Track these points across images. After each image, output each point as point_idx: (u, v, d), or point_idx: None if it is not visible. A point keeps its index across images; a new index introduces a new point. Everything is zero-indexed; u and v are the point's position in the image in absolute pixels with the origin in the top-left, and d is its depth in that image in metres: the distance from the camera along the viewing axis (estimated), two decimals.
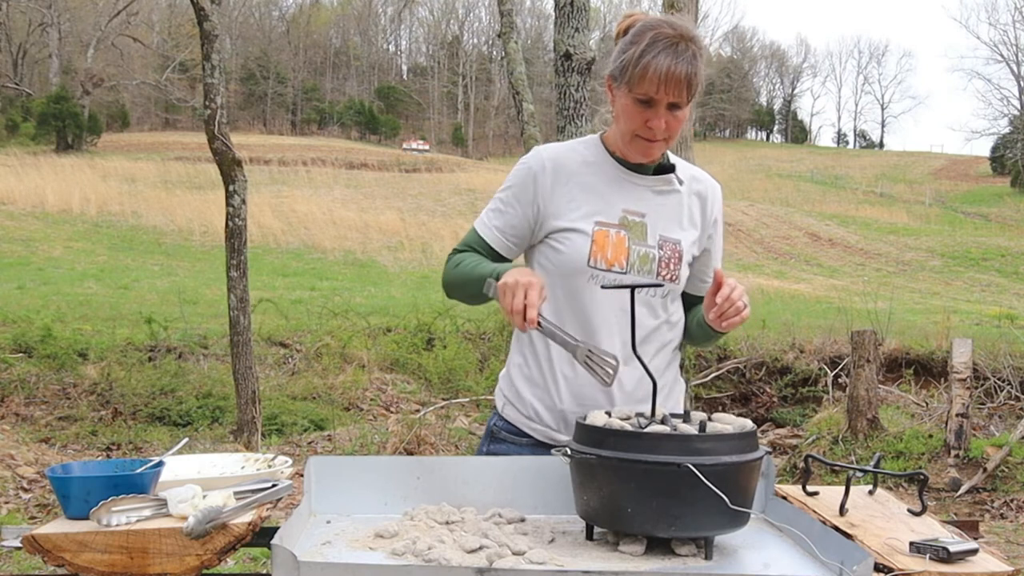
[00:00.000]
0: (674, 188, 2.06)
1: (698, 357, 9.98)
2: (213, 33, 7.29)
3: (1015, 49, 59.92)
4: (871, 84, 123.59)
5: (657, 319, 2.04)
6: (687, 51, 1.88)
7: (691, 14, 7.54)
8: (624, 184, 2.03)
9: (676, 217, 2.06)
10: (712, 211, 2.13)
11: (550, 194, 2.01)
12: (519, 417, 2.09)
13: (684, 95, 1.89)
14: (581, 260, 1.97)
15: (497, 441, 2.13)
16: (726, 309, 1.86)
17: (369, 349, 9.92)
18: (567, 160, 2.04)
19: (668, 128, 1.93)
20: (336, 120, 64.85)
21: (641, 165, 2.04)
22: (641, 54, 1.88)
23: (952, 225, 34.59)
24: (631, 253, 1.99)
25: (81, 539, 1.60)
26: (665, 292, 2.04)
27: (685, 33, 1.90)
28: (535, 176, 2.02)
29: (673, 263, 2.03)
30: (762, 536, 1.76)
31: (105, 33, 43.20)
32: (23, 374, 8.27)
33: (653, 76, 1.87)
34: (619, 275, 1.98)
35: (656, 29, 1.90)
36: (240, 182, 7.26)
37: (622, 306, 1.95)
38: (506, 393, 2.13)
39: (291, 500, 1.93)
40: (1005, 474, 6.86)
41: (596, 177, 2.03)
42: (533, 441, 2.07)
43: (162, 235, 21.29)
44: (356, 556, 1.56)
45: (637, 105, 1.92)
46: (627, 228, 2.00)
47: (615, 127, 2.02)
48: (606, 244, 1.98)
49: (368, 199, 28.82)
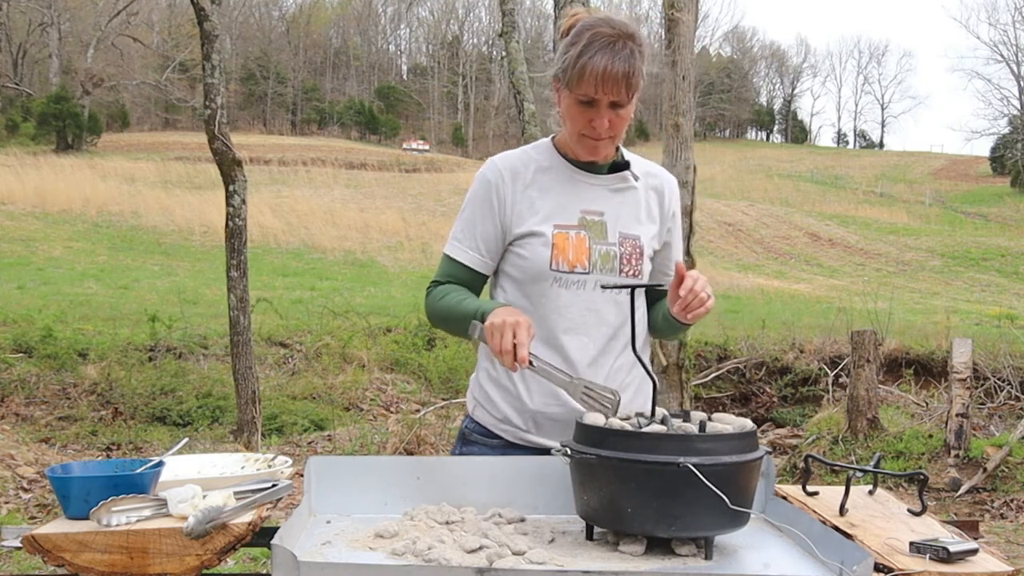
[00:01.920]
0: (630, 185, 2.08)
1: (698, 357, 9.99)
2: (213, 33, 7.29)
3: (1015, 49, 59.95)
4: (871, 84, 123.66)
5: (624, 316, 2.06)
6: (624, 49, 1.88)
7: (691, 14, 7.55)
8: (580, 185, 2.05)
9: (634, 213, 2.08)
10: (670, 205, 2.15)
11: (510, 203, 2.03)
12: (489, 419, 2.11)
13: (624, 93, 1.90)
14: (543, 264, 1.99)
15: (469, 443, 2.14)
16: (690, 301, 1.87)
17: (369, 349, 9.92)
18: (522, 167, 2.05)
19: (612, 127, 1.95)
20: (336, 120, 64.86)
21: (595, 164, 2.06)
22: (579, 55, 1.89)
23: (952, 225, 34.61)
24: (592, 252, 2.01)
25: (81, 539, 1.60)
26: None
27: (624, 31, 1.90)
28: (495, 187, 2.04)
29: (635, 259, 2.05)
30: (762, 536, 1.76)
31: (105, 33, 43.19)
32: (23, 374, 8.27)
33: (591, 76, 1.88)
34: (582, 275, 2.00)
35: (594, 29, 1.90)
36: (240, 182, 7.26)
37: (588, 306, 2.00)
38: (476, 396, 2.15)
39: (291, 500, 1.93)
40: (1005, 474, 6.86)
41: (552, 181, 2.04)
42: (504, 442, 2.08)
43: (162, 235, 21.29)
44: (356, 556, 1.56)
45: (579, 105, 1.93)
46: (586, 228, 2.02)
47: (563, 128, 2.04)
48: (567, 246, 2.00)
49: (368, 199, 28.82)
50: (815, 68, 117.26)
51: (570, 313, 2.00)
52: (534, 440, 2.06)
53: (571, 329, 2.01)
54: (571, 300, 2.00)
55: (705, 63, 72.60)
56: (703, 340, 10.47)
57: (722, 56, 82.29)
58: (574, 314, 2.00)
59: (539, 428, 2.05)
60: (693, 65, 7.79)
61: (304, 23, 70.57)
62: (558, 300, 2.00)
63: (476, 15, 76.15)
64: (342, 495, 1.86)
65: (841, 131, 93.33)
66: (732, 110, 77.60)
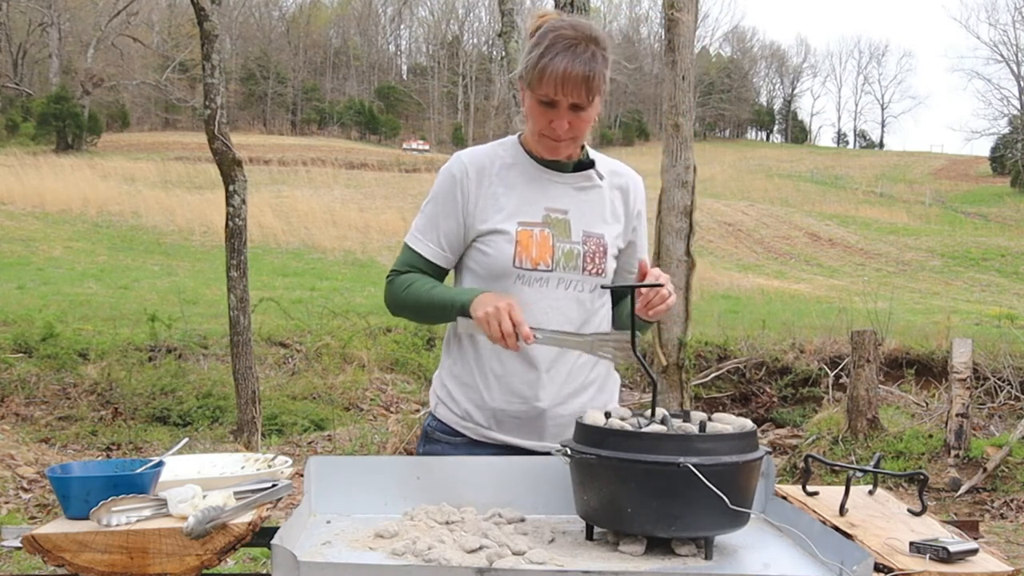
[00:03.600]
0: (595, 184, 2.10)
1: (698, 357, 9.99)
2: (213, 33, 7.29)
3: (1015, 49, 59.96)
4: (871, 84, 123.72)
5: (587, 313, 2.07)
6: (586, 52, 1.90)
7: (691, 14, 7.55)
8: (545, 183, 2.06)
9: (599, 212, 2.09)
10: (635, 204, 2.17)
11: (475, 199, 2.03)
12: (452, 417, 2.11)
13: (583, 96, 1.91)
14: (507, 261, 2.00)
15: (432, 442, 2.15)
16: (652, 298, 1.90)
17: (369, 349, 9.92)
18: (487, 163, 2.06)
19: (572, 128, 1.97)
20: (336, 120, 64.84)
21: (560, 163, 2.06)
22: (540, 56, 1.91)
23: (952, 225, 34.60)
24: (556, 250, 2.02)
25: (81, 539, 1.60)
26: (593, 286, 2.07)
27: (586, 34, 1.92)
28: (459, 182, 2.05)
29: (598, 257, 2.06)
30: (762, 536, 1.76)
31: (105, 33, 43.18)
32: (23, 374, 8.27)
33: (551, 78, 1.90)
34: (545, 273, 2.01)
35: (557, 31, 1.92)
36: (240, 182, 7.26)
37: (551, 304, 2.01)
38: (439, 394, 2.16)
39: (291, 500, 1.93)
40: (1005, 474, 6.86)
41: (517, 178, 2.05)
42: (467, 440, 2.09)
43: (162, 235, 21.29)
44: (356, 556, 1.56)
45: (540, 106, 1.95)
46: (550, 226, 2.03)
47: (527, 125, 2.05)
48: (530, 243, 2.01)
49: (368, 199, 28.80)
50: (815, 68, 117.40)
51: (532, 311, 2.00)
52: (496, 437, 2.06)
53: (533, 326, 2.02)
54: (534, 297, 2.01)
55: (705, 63, 72.61)
56: (703, 340, 10.47)
57: (722, 56, 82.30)
58: (536, 312, 2.01)
59: (500, 425, 2.06)
60: (693, 65, 7.79)
61: (304, 23, 70.56)
62: (520, 297, 2.00)
63: (476, 15, 76.19)
64: (342, 495, 1.86)
65: (841, 131, 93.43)
66: (732, 110, 77.60)
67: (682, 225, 7.55)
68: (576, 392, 2.07)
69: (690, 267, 7.60)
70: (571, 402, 2.06)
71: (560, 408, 2.05)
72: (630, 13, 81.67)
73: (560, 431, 2.03)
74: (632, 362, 1.81)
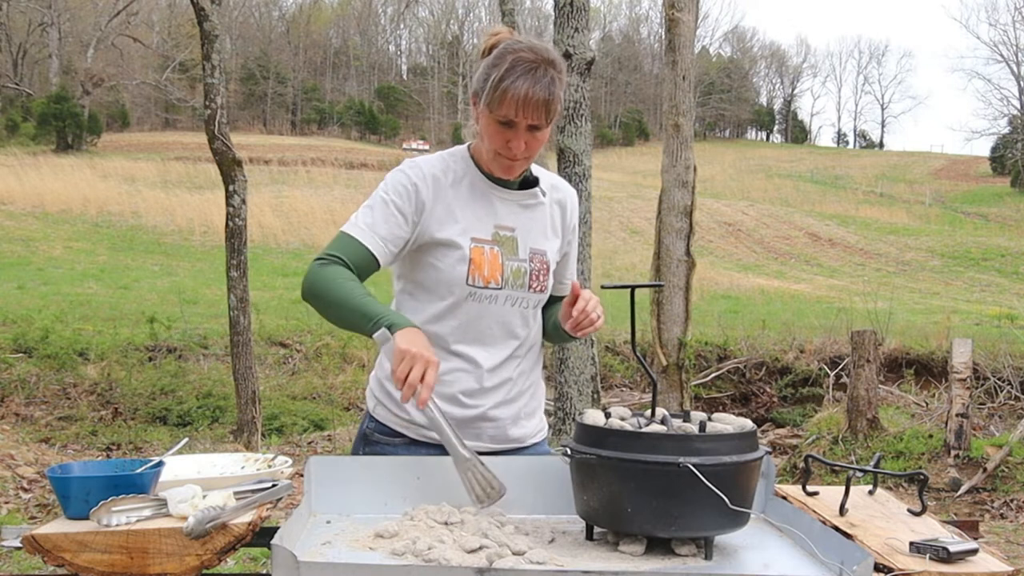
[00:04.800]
0: (539, 201, 2.12)
1: (698, 357, 9.99)
2: (213, 33, 7.29)
3: (1015, 49, 59.91)
4: (871, 84, 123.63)
5: (529, 328, 2.12)
6: (546, 76, 1.92)
7: (691, 14, 7.55)
8: (493, 200, 2.07)
9: (542, 229, 2.13)
10: (571, 218, 2.21)
11: (430, 209, 2.02)
12: (392, 417, 2.11)
13: (543, 118, 1.94)
14: (459, 279, 2.01)
15: (371, 443, 2.14)
16: (581, 320, 1.96)
17: (369, 349, 9.92)
18: (443, 176, 2.06)
19: (528, 148, 1.98)
20: (336, 120, 64.83)
21: (506, 180, 2.08)
22: (501, 78, 1.92)
23: (952, 225, 34.59)
24: (505, 269, 2.04)
25: (81, 539, 1.60)
26: (536, 302, 2.11)
27: (545, 57, 1.94)
28: (417, 189, 2.02)
29: (543, 275, 2.10)
30: (762, 536, 1.76)
31: (105, 33, 43.17)
32: (23, 374, 8.28)
33: (511, 100, 1.91)
34: (495, 291, 2.03)
35: (516, 53, 1.94)
36: (240, 182, 7.26)
37: (497, 319, 2.04)
38: (377, 395, 2.15)
39: (291, 500, 1.94)
40: (1005, 474, 6.85)
41: (469, 193, 2.06)
42: (408, 440, 2.09)
43: (162, 235, 21.29)
44: (356, 556, 1.56)
45: (498, 126, 1.96)
46: (499, 244, 2.05)
47: (480, 143, 2.06)
48: (482, 261, 2.02)
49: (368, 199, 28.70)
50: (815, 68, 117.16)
51: (480, 326, 2.04)
52: (436, 437, 2.04)
53: (478, 340, 2.05)
54: (482, 313, 2.03)
55: (705, 63, 72.58)
56: (703, 340, 10.47)
57: (722, 56, 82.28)
58: (483, 327, 2.04)
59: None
60: (693, 65, 7.79)
61: (304, 23, 70.53)
62: (469, 313, 2.02)
63: (476, 15, 76.14)
64: (342, 495, 1.86)
65: (841, 131, 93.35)
66: (732, 110, 77.54)
67: (682, 225, 7.56)
68: (515, 398, 2.11)
69: (690, 267, 7.61)
70: (508, 406, 2.09)
71: (497, 411, 2.08)
72: (630, 13, 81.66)
73: (498, 433, 2.08)
74: (490, 501, 1.78)
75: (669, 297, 7.53)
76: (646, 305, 7.87)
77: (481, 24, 74.87)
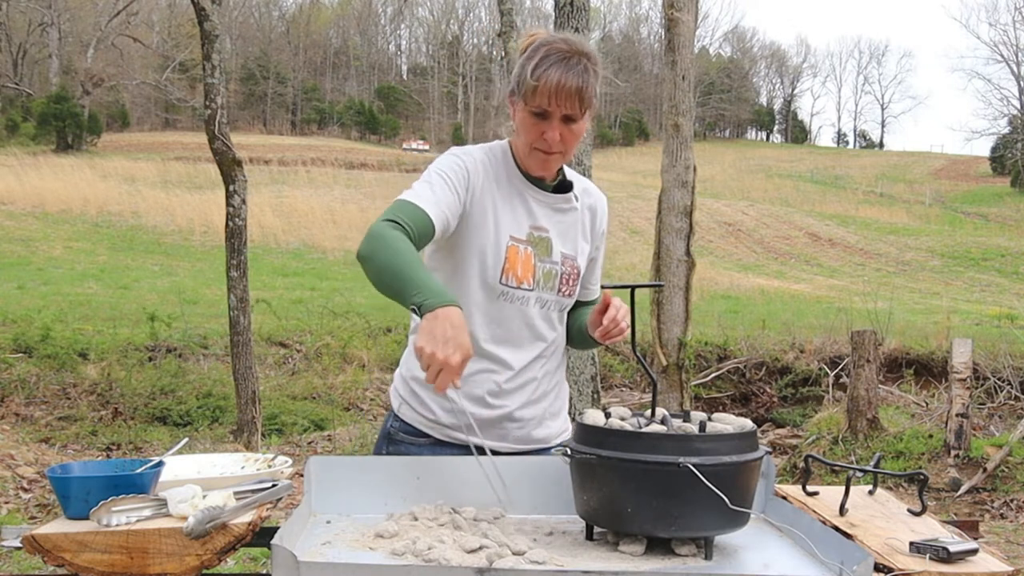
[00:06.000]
0: (572, 206, 2.12)
1: (698, 357, 9.99)
2: (213, 33, 7.29)
3: (1015, 49, 59.92)
4: (871, 84, 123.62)
5: (555, 331, 2.12)
6: (579, 65, 1.92)
7: (691, 14, 7.55)
8: (529, 200, 2.07)
9: (573, 234, 2.13)
10: (601, 224, 2.21)
11: (478, 198, 2.01)
12: (417, 417, 2.10)
13: (576, 107, 1.93)
14: (494, 277, 2.00)
15: (395, 443, 2.13)
16: (611, 329, 1.96)
17: (369, 349, 9.93)
18: (490, 170, 2.05)
19: (564, 141, 1.97)
20: (336, 120, 64.82)
21: (543, 181, 2.08)
22: (534, 68, 1.93)
23: (952, 225, 34.59)
24: (536, 270, 2.04)
25: (81, 539, 1.60)
26: (564, 306, 2.12)
27: (578, 49, 1.94)
28: (469, 174, 2.00)
29: (572, 280, 2.10)
30: (762, 536, 1.76)
31: (105, 33, 43.15)
32: (23, 374, 8.27)
33: (544, 88, 1.91)
34: (526, 292, 2.02)
35: (550, 45, 1.95)
36: (240, 182, 7.26)
37: (525, 321, 2.04)
38: (402, 394, 2.14)
39: (291, 500, 1.94)
40: (1005, 474, 6.85)
41: (508, 189, 2.05)
42: (433, 440, 2.08)
43: (162, 235, 21.29)
44: (356, 556, 1.56)
45: (533, 118, 1.96)
46: (533, 244, 2.05)
47: (516, 140, 2.05)
48: (516, 261, 2.01)
49: (368, 199, 28.79)
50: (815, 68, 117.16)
51: (509, 325, 2.03)
52: (462, 438, 2.05)
53: (507, 340, 2.04)
54: (512, 314, 2.03)
55: (705, 63, 72.58)
56: (703, 340, 10.47)
57: (722, 56, 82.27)
58: (511, 327, 2.04)
59: (464, 428, 2.05)
60: (693, 65, 7.79)
61: (304, 23, 70.53)
62: (500, 312, 2.02)
63: (476, 15, 76.16)
64: (342, 495, 1.86)
65: (841, 131, 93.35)
66: (732, 110, 77.54)
67: (682, 225, 7.56)
68: (539, 398, 2.11)
69: (690, 267, 7.61)
70: (533, 407, 2.09)
71: (523, 412, 2.07)
72: (630, 13, 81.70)
73: (523, 433, 2.08)
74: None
75: (669, 297, 7.53)
76: (646, 305, 7.87)
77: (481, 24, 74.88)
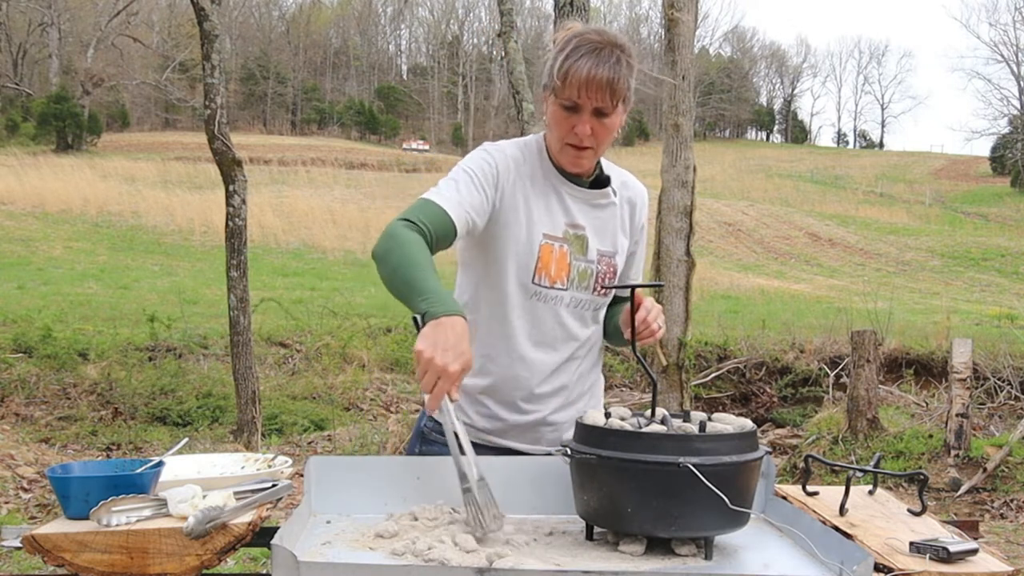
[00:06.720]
0: (611, 201, 2.07)
1: (698, 357, 9.99)
2: (213, 33, 7.28)
3: (1015, 49, 59.92)
4: (871, 84, 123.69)
5: (588, 328, 2.08)
6: (611, 57, 1.87)
7: (691, 14, 7.55)
8: (564, 196, 2.02)
9: (611, 230, 2.08)
10: (640, 217, 2.15)
11: (509, 196, 1.97)
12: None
13: (608, 100, 1.87)
14: (526, 277, 1.97)
15: (428, 443, 2.11)
16: (642, 331, 1.91)
17: (369, 349, 9.93)
18: (523, 166, 2.00)
19: (595, 135, 1.92)
20: (336, 120, 64.84)
21: (579, 177, 2.03)
22: (564, 59, 1.88)
23: (952, 225, 34.60)
24: (572, 269, 2.00)
25: (81, 539, 1.60)
26: (599, 305, 2.08)
27: (611, 40, 1.89)
28: (498, 173, 1.96)
29: (608, 278, 2.06)
30: (762, 536, 1.76)
31: (105, 33, 43.16)
32: (23, 374, 8.27)
33: (574, 80, 1.86)
34: (560, 291, 1.99)
35: (582, 36, 1.90)
36: (240, 182, 7.26)
37: (558, 321, 2.01)
38: None
39: (291, 500, 1.93)
40: (1005, 474, 6.86)
41: (543, 186, 2.01)
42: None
43: (162, 235, 21.29)
44: (356, 556, 1.55)
45: (563, 111, 1.91)
46: (569, 242, 2.01)
47: (549, 136, 2.01)
48: (550, 260, 1.97)
49: (368, 199, 28.80)
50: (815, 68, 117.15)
51: (543, 326, 2.00)
52: (495, 441, 2.05)
53: (541, 342, 2.02)
54: (545, 314, 2.00)
55: (705, 63, 72.58)
56: (703, 340, 10.47)
57: (722, 56, 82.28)
58: (545, 328, 2.01)
59: (504, 433, 2.06)
60: (693, 65, 7.79)
61: (304, 23, 70.53)
62: (533, 312, 1.99)
63: (476, 15, 76.18)
64: (342, 495, 1.86)
65: (841, 131, 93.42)
66: (732, 110, 77.57)
67: (682, 225, 7.55)
68: (574, 400, 2.09)
69: (690, 267, 7.60)
70: (567, 410, 2.08)
71: (556, 416, 2.07)
72: (630, 13, 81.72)
73: (556, 436, 2.05)
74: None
75: (669, 297, 7.53)
76: None
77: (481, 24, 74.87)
